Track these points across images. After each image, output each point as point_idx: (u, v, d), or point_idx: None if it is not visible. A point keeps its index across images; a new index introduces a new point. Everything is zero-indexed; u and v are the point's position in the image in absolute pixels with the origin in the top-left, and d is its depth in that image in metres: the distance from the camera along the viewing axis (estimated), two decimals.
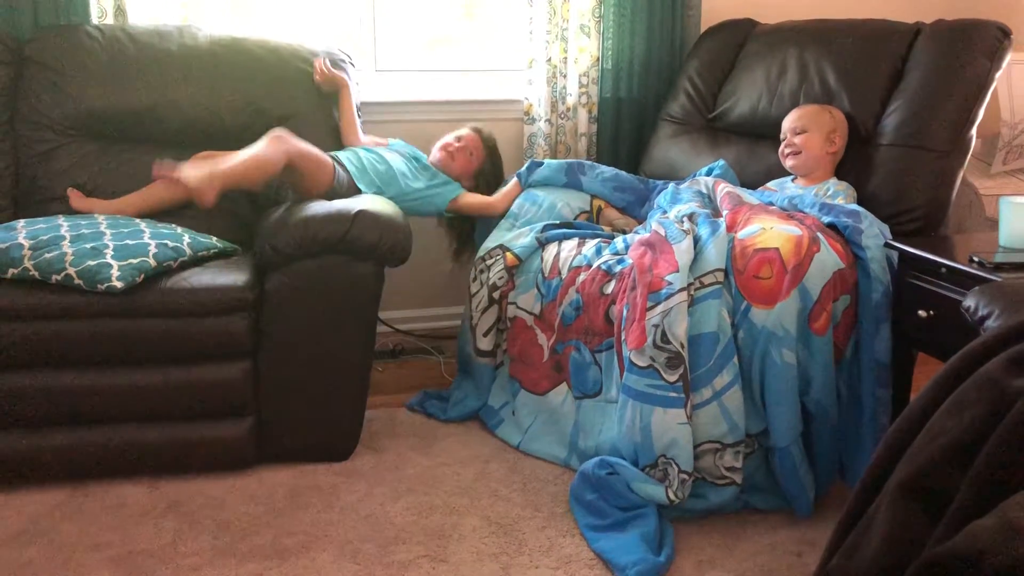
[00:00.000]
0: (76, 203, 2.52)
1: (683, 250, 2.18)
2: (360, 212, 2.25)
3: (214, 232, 2.46)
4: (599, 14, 3.13)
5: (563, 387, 2.45)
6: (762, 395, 2.09)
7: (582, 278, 2.39)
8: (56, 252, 2.10)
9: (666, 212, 2.57)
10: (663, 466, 2.08)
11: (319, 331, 2.27)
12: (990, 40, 2.54)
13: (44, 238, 2.14)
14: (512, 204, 2.78)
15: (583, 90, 3.17)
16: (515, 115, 3.22)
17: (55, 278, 2.08)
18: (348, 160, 2.63)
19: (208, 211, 2.57)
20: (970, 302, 1.67)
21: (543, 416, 2.48)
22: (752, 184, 2.74)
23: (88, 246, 2.12)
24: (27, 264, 2.09)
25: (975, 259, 2.04)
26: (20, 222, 2.26)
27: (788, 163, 2.63)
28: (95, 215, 2.36)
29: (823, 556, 1.39)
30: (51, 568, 1.91)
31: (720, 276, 2.13)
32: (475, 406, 2.64)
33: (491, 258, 2.62)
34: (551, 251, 2.55)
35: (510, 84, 3.25)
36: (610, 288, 2.31)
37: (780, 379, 2.06)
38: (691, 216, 2.38)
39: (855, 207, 2.35)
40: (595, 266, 2.38)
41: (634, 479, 2.09)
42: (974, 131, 2.51)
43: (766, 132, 2.80)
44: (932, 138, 2.49)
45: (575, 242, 2.55)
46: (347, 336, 2.30)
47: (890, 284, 2.21)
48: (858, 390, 2.21)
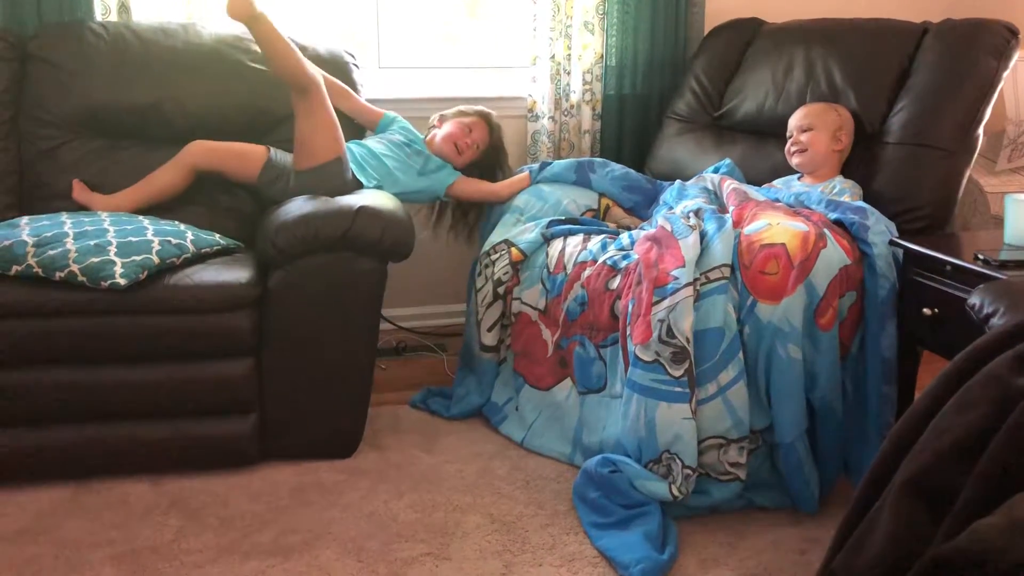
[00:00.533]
0: (77, 194, 2.52)
1: (689, 245, 2.18)
2: (361, 208, 2.24)
3: (217, 229, 2.46)
4: (603, 11, 3.12)
5: (567, 382, 2.45)
6: (767, 391, 2.09)
7: (587, 273, 2.39)
8: (60, 249, 2.10)
9: (672, 208, 2.56)
10: (667, 461, 2.07)
11: (322, 328, 2.26)
12: (998, 39, 2.52)
13: (48, 235, 2.14)
14: (516, 195, 2.78)
15: (587, 87, 3.16)
16: (519, 112, 3.21)
17: (59, 275, 2.08)
18: (364, 162, 2.64)
19: (211, 207, 2.59)
20: (975, 300, 1.67)
21: (547, 412, 2.48)
22: (758, 182, 2.73)
23: (91, 243, 2.12)
24: (31, 261, 2.09)
25: (980, 257, 2.03)
26: (23, 219, 2.26)
27: (794, 161, 2.62)
28: (98, 212, 2.36)
29: (827, 554, 1.38)
30: (54, 565, 1.91)
31: (726, 271, 2.12)
32: (478, 403, 2.64)
33: (496, 253, 2.61)
34: (556, 246, 2.54)
35: (514, 81, 3.25)
36: (615, 283, 2.30)
37: (785, 375, 2.05)
38: (697, 211, 2.38)
39: (862, 204, 2.34)
40: (600, 261, 2.38)
41: (637, 476, 2.09)
42: (981, 130, 2.50)
43: (772, 130, 2.79)
44: (939, 137, 2.48)
45: (580, 238, 2.55)
46: (350, 333, 2.30)
47: (896, 281, 2.20)
48: (863, 387, 2.20)
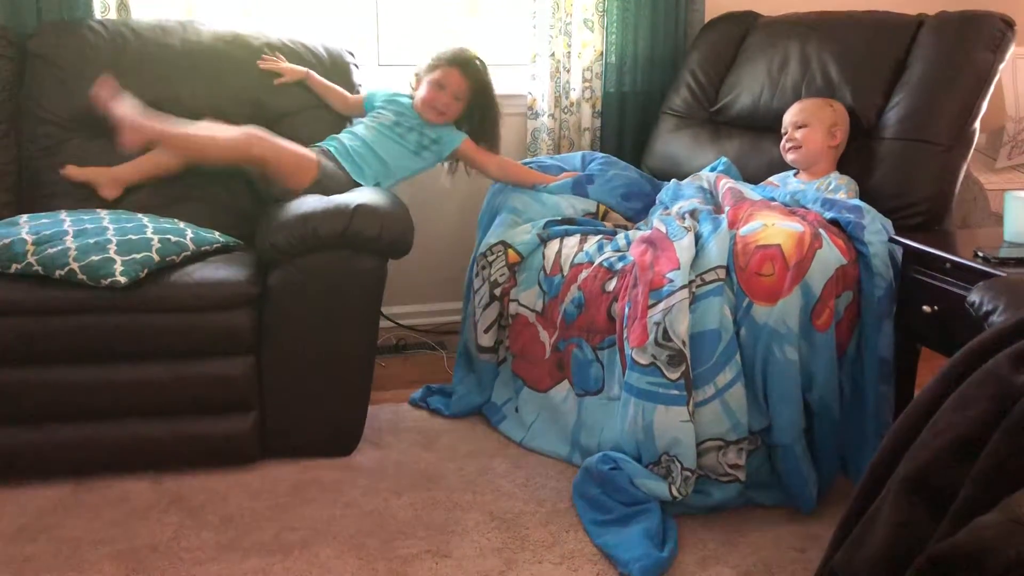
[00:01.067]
0: (75, 174, 2.48)
1: (684, 247, 2.18)
2: (359, 206, 2.24)
3: (217, 226, 2.46)
4: (602, 8, 3.12)
5: (565, 384, 2.44)
6: (765, 392, 2.09)
7: (584, 275, 2.38)
8: (59, 247, 2.10)
9: (668, 208, 2.56)
10: (666, 463, 2.07)
11: (322, 326, 2.26)
12: (993, 32, 2.52)
13: (47, 233, 2.14)
14: (547, 181, 2.77)
15: (587, 85, 3.16)
16: (519, 110, 3.21)
17: (58, 273, 2.07)
18: (340, 156, 2.60)
19: (211, 205, 2.58)
20: (975, 297, 1.67)
21: (545, 414, 2.48)
22: (754, 178, 2.73)
23: (91, 241, 2.12)
24: (30, 259, 2.09)
25: (980, 254, 2.04)
26: (23, 217, 2.26)
27: (789, 157, 2.62)
28: (97, 210, 2.36)
29: (827, 551, 1.39)
30: (54, 563, 1.91)
31: (722, 273, 2.12)
32: (478, 402, 2.64)
33: (492, 255, 2.61)
34: (553, 248, 2.54)
35: (513, 79, 3.24)
36: (612, 285, 2.30)
37: (783, 376, 2.05)
38: (692, 212, 2.37)
39: (857, 202, 2.34)
40: (597, 263, 2.37)
41: (637, 475, 2.09)
42: (977, 124, 2.50)
43: (768, 125, 2.79)
44: (935, 131, 2.48)
45: (576, 239, 2.54)
46: (350, 331, 2.30)
47: (893, 280, 2.20)
48: (861, 386, 2.20)
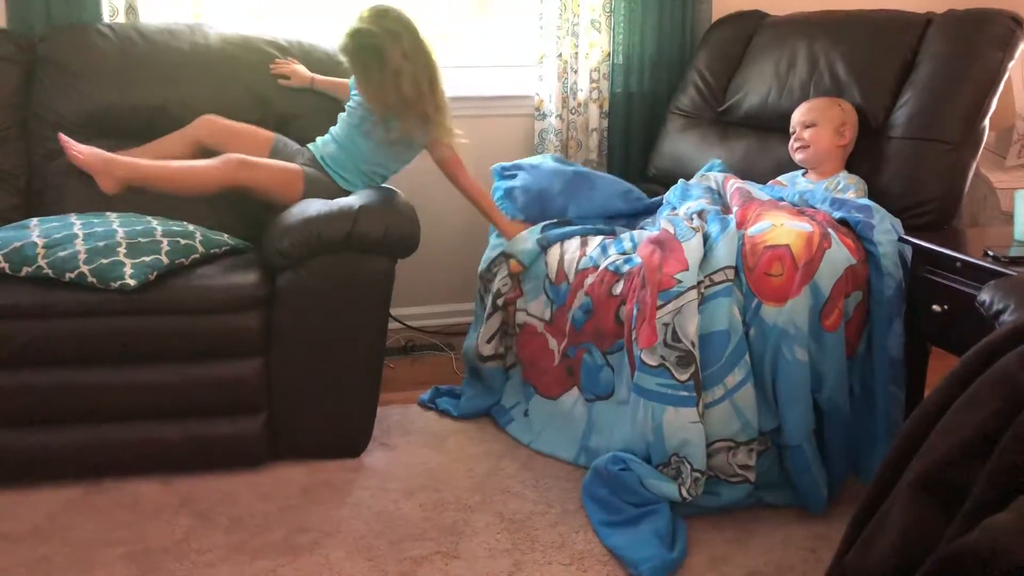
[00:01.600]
0: (70, 148, 2.37)
1: (693, 248, 2.17)
2: (363, 208, 2.25)
3: (225, 229, 2.46)
4: (609, 9, 3.12)
5: (575, 391, 2.44)
6: (774, 392, 2.08)
7: (590, 280, 2.37)
8: (69, 250, 2.11)
9: (675, 208, 2.55)
10: (676, 464, 2.07)
11: (331, 328, 2.27)
12: (1002, 30, 2.51)
13: (57, 236, 2.15)
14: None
15: (594, 85, 3.16)
16: (526, 111, 3.22)
17: (69, 276, 2.09)
18: (323, 164, 2.55)
19: (219, 207, 2.57)
20: (985, 296, 1.66)
21: (555, 421, 2.46)
22: (762, 178, 2.72)
23: (101, 244, 2.13)
24: (41, 263, 2.10)
25: (990, 253, 2.03)
26: (33, 220, 2.27)
27: (797, 157, 2.62)
28: (106, 213, 2.36)
29: (838, 551, 1.39)
30: (66, 564, 1.92)
31: (731, 274, 2.12)
32: (487, 404, 2.64)
33: (495, 267, 2.60)
34: (554, 254, 2.52)
35: (520, 79, 3.25)
36: (619, 289, 2.29)
37: (792, 377, 2.05)
38: (700, 213, 2.37)
39: (866, 202, 2.33)
40: (602, 267, 2.36)
41: (647, 475, 2.09)
42: (987, 122, 2.49)
43: (776, 125, 2.79)
44: (944, 130, 2.46)
45: (577, 242, 2.52)
46: (359, 332, 2.30)
47: (902, 279, 2.20)
48: (871, 386, 2.20)
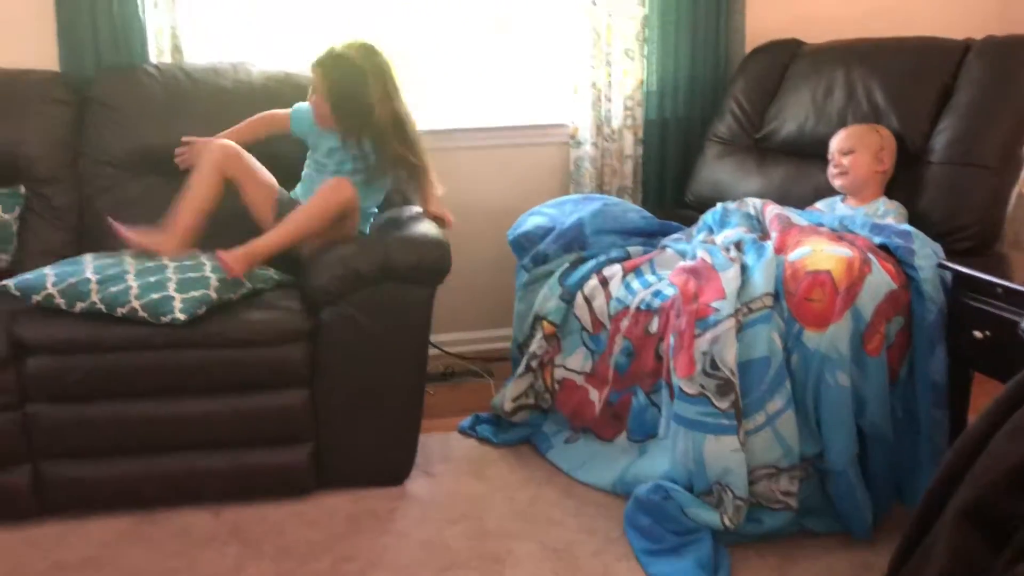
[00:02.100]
0: (126, 236, 2.37)
1: (730, 278, 2.17)
2: (393, 238, 2.34)
3: (271, 264, 2.51)
4: (643, 37, 3.15)
5: (623, 436, 2.41)
6: (817, 418, 2.08)
7: (626, 323, 2.36)
8: (121, 286, 2.17)
9: (712, 232, 2.56)
10: (718, 492, 2.07)
11: (374, 358, 2.31)
12: None
13: (110, 272, 2.21)
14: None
15: (628, 112, 3.18)
16: (561, 139, 3.25)
17: (120, 311, 2.14)
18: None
19: None
20: None
21: (601, 456, 2.44)
22: (800, 204, 2.72)
23: (152, 279, 2.19)
24: (94, 298, 2.16)
25: None
26: (87, 256, 2.34)
27: (837, 183, 2.62)
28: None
29: None
30: None
31: (769, 301, 2.12)
32: (527, 431, 2.64)
33: (532, 332, 2.58)
34: (582, 305, 2.49)
35: (554, 108, 3.28)
36: (654, 326, 2.29)
37: (835, 402, 2.05)
38: (738, 244, 2.36)
39: (907, 227, 2.33)
40: (634, 308, 2.36)
41: (688, 504, 2.09)
42: None
43: (814, 151, 2.79)
44: (983, 155, 2.46)
45: (595, 283, 2.47)
46: (401, 361, 2.34)
47: (944, 304, 2.18)
48: (914, 411, 2.18)
